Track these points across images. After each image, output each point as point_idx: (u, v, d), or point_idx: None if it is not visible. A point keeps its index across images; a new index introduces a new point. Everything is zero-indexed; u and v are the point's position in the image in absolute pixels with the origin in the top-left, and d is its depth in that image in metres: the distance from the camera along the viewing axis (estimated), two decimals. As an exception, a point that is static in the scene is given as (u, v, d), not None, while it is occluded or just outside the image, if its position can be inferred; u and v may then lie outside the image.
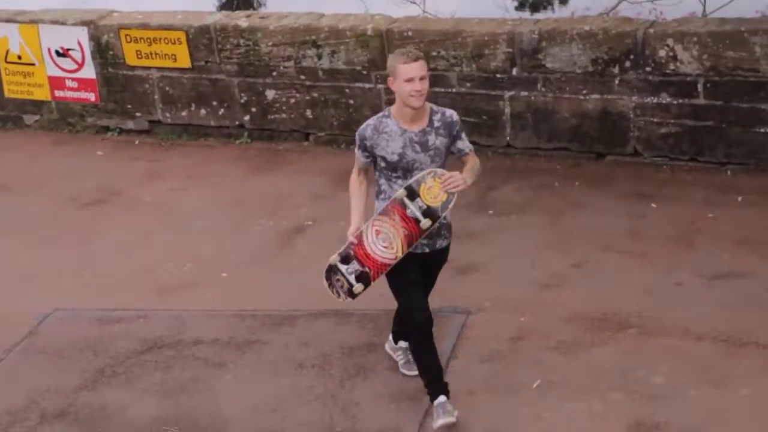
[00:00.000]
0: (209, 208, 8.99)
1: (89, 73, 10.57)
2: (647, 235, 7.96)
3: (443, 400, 5.91)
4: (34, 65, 10.74)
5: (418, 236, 5.80)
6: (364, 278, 5.89)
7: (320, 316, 7.11)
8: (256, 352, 6.87)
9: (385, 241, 5.80)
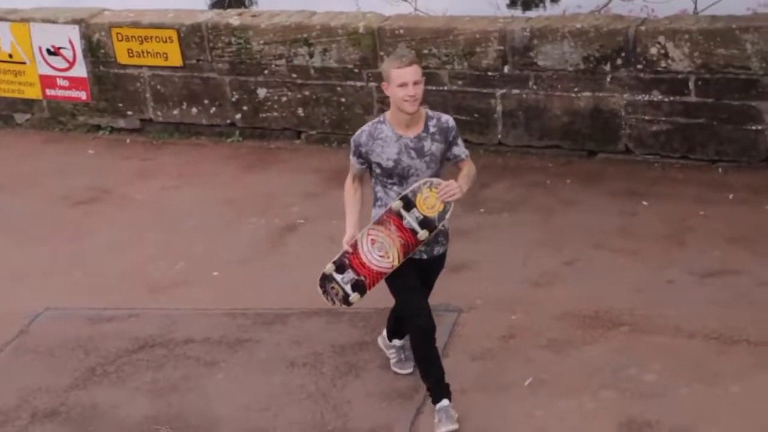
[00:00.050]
0: (201, 206, 8.98)
1: (80, 71, 10.55)
2: (639, 232, 7.96)
3: (446, 404, 5.90)
4: (25, 64, 10.72)
5: (414, 246, 5.75)
6: (359, 287, 5.84)
7: (312, 314, 7.10)
8: (247, 350, 6.86)
9: (380, 250, 5.75)
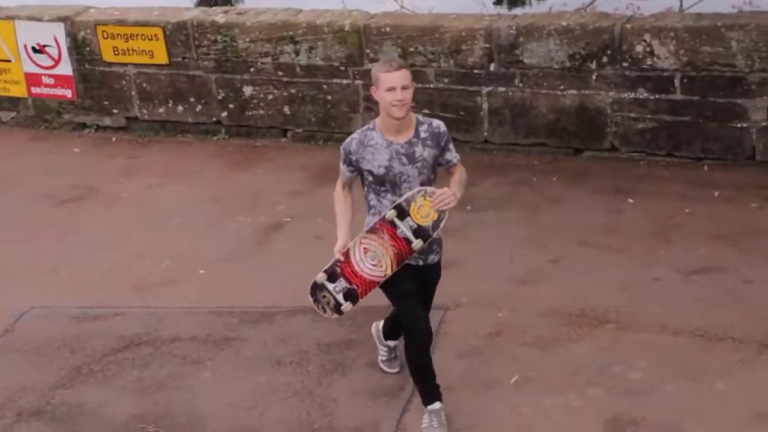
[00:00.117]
0: (186, 204, 8.97)
1: (66, 69, 10.53)
2: (624, 230, 7.97)
3: (437, 407, 5.88)
4: (10, 62, 10.69)
5: (408, 255, 5.69)
6: (351, 296, 5.79)
7: (298, 312, 7.09)
8: (233, 349, 6.85)
9: (373, 259, 5.69)
